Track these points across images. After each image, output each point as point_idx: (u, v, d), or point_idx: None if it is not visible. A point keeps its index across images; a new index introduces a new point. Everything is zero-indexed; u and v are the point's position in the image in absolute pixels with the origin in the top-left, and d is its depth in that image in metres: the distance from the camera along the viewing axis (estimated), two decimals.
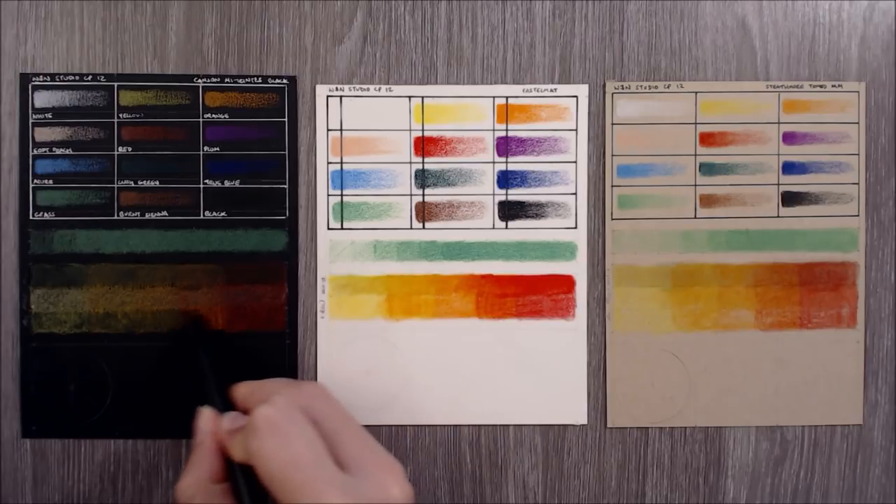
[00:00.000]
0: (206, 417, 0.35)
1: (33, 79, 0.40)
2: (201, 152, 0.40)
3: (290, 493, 0.31)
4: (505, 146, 0.41)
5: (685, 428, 0.41)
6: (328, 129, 0.41)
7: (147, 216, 0.40)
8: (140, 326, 0.40)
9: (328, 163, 0.41)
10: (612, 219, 0.41)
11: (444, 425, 0.41)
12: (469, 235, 0.41)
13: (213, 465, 0.34)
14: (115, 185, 0.40)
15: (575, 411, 0.41)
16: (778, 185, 0.41)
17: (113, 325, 0.40)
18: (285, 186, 0.40)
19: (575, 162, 0.41)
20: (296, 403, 0.33)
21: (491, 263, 0.41)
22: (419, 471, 0.41)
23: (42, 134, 0.40)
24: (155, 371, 0.40)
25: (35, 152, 0.40)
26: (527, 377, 0.41)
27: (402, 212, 0.41)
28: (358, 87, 0.41)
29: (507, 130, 0.41)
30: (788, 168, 0.41)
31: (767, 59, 0.41)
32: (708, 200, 0.41)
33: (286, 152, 0.40)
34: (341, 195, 0.41)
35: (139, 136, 0.40)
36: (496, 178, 0.41)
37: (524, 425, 0.41)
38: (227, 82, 0.40)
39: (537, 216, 0.41)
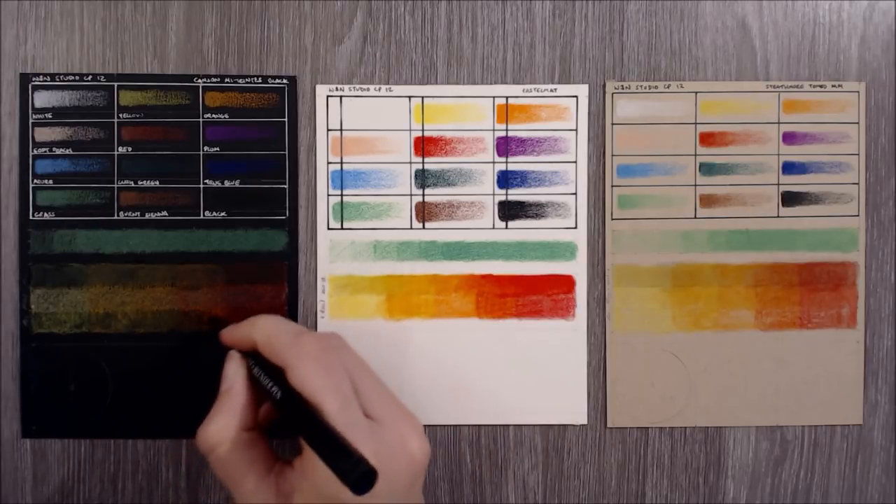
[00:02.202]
0: (236, 361, 0.34)
1: (33, 79, 0.40)
2: (201, 152, 0.40)
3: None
4: (505, 146, 0.41)
5: (685, 428, 0.41)
6: (328, 129, 0.41)
7: (147, 216, 0.40)
8: (140, 326, 0.40)
9: (328, 163, 0.41)
10: (612, 219, 0.41)
11: (444, 425, 0.41)
12: (469, 235, 0.41)
13: (245, 412, 0.33)
14: (115, 185, 0.40)
15: (575, 411, 0.41)
16: (778, 185, 0.41)
17: (113, 325, 0.40)
18: (285, 186, 0.40)
19: (575, 162, 0.41)
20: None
21: (491, 263, 0.41)
22: None
23: (42, 134, 0.40)
24: (155, 371, 0.40)
25: (35, 152, 0.40)
26: (527, 377, 0.41)
27: (402, 212, 0.41)
28: (358, 87, 0.41)
29: (507, 130, 0.41)
30: (788, 168, 0.41)
31: (767, 59, 0.41)
32: (708, 200, 0.41)
33: (286, 152, 0.40)
34: (341, 195, 0.41)
35: (139, 136, 0.40)
36: (496, 178, 0.41)
37: (524, 425, 0.41)
38: (227, 82, 0.40)
39: (537, 216, 0.41)
